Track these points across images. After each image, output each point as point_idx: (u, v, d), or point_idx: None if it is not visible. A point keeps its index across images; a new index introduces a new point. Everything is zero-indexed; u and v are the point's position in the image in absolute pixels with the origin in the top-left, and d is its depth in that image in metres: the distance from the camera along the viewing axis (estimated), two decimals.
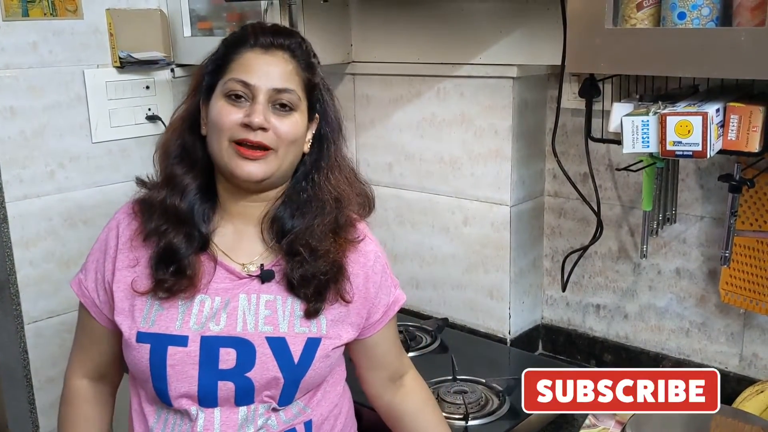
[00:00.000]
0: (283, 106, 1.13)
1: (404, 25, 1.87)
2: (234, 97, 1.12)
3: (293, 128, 1.13)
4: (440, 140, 1.86)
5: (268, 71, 1.12)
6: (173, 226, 1.14)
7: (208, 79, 1.16)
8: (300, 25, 1.83)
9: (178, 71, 2.02)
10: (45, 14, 1.75)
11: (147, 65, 1.93)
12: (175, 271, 1.13)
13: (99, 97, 1.87)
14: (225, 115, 1.11)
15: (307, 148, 1.19)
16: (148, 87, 1.96)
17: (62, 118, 1.81)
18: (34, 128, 1.77)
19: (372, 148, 2.01)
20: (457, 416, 1.47)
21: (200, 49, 1.21)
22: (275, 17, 1.78)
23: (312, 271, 1.15)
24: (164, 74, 2.00)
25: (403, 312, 2.00)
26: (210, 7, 1.96)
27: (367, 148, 2.02)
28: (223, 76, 1.13)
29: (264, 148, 1.11)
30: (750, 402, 1.46)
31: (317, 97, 1.19)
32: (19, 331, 1.78)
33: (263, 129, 1.10)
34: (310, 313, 1.16)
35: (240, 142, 1.11)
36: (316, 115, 1.20)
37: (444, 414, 1.47)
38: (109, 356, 1.25)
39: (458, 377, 1.60)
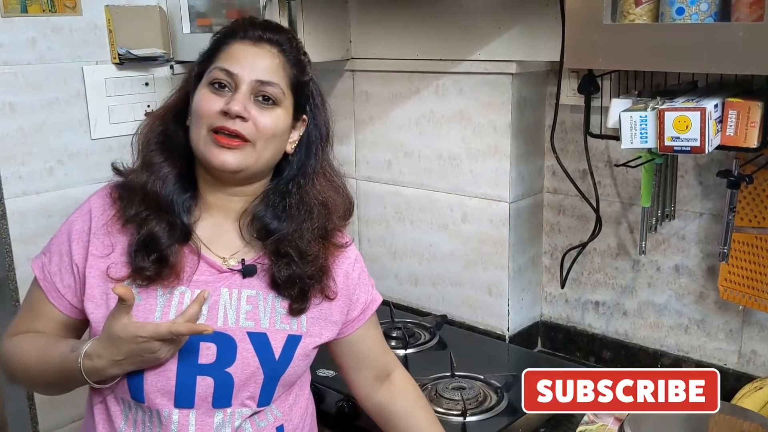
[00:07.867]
0: (266, 99, 1.11)
1: (403, 22, 1.87)
2: (217, 86, 1.11)
3: (274, 122, 1.12)
4: (439, 137, 1.86)
5: (254, 63, 1.11)
6: (155, 213, 1.12)
7: (197, 69, 1.16)
8: (299, 21, 1.83)
9: (177, 68, 2.01)
10: (44, 10, 1.75)
11: (146, 62, 1.93)
12: (156, 259, 1.10)
13: (98, 93, 1.87)
14: (206, 102, 1.10)
15: (290, 148, 1.18)
16: (147, 84, 1.96)
17: (61, 114, 1.81)
18: (33, 125, 1.77)
19: (371, 145, 2.01)
20: (455, 412, 1.47)
21: (199, 45, 1.21)
22: (274, 14, 1.78)
23: (299, 273, 1.14)
24: (163, 71, 2.00)
25: (402, 309, 2.00)
26: (209, 4, 1.96)
27: (366, 145, 2.02)
28: (210, 66, 1.13)
29: (241, 138, 1.09)
30: (748, 399, 1.46)
31: (306, 98, 1.18)
32: None
33: (242, 118, 1.09)
34: (294, 312, 1.16)
35: (217, 130, 1.09)
36: (305, 116, 1.19)
37: (442, 410, 1.48)
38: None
39: (456, 374, 1.60)
